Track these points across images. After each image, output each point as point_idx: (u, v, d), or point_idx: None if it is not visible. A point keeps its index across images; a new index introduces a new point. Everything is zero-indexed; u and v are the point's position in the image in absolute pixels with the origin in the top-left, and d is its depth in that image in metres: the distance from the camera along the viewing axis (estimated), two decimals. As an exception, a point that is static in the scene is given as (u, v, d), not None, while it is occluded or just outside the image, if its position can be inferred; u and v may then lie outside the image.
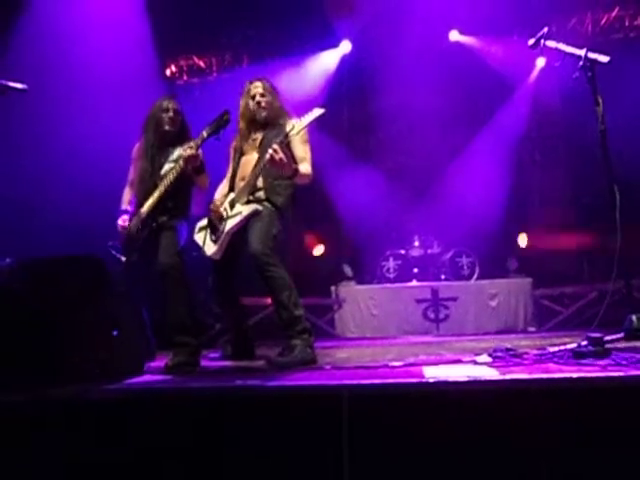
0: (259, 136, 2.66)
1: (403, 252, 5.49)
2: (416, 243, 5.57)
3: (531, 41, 2.53)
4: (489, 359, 1.99)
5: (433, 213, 5.56)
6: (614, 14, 5.70)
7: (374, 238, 5.75)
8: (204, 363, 2.56)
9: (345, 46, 6.12)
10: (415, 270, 5.40)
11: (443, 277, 5.30)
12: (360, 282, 5.55)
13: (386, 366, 2.00)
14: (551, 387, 1.50)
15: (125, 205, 2.79)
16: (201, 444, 1.57)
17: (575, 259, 5.55)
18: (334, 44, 6.12)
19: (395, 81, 5.71)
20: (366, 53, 6.05)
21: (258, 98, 2.65)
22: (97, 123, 4.70)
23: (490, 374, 1.62)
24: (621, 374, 1.50)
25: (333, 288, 5.24)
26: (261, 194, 2.55)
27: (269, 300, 3.65)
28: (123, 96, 4.56)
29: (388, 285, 5.25)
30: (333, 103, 5.43)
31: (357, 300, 5.11)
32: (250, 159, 2.62)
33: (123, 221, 2.67)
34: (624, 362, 1.66)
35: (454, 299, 4.92)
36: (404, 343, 3.93)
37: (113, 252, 2.63)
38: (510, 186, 5.65)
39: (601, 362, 1.72)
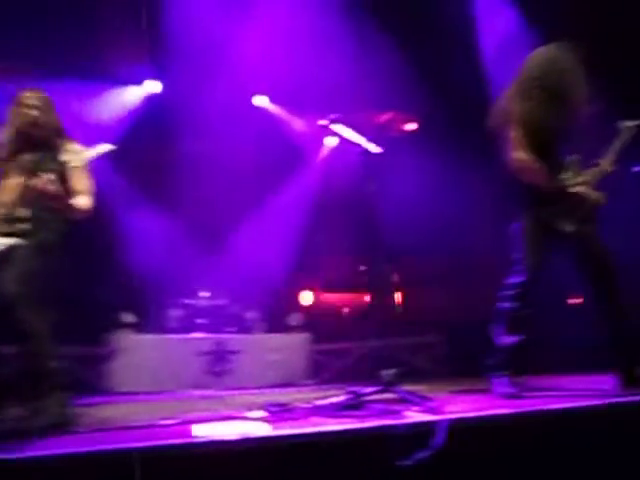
0: (28, 157, 2.30)
1: (189, 302, 5.34)
2: (204, 294, 5.49)
3: (323, 122, 2.86)
4: (263, 414, 2.02)
5: (224, 266, 5.61)
6: (390, 116, 6.92)
7: (160, 285, 5.49)
8: None
9: (154, 86, 6.00)
10: (200, 321, 5.28)
11: (228, 330, 5.30)
12: (141, 331, 5.16)
13: (153, 425, 1.86)
14: (316, 440, 1.59)
15: None
16: None
17: (351, 318, 6.19)
18: (141, 81, 5.95)
19: (201, 131, 5.78)
20: (176, 97, 6.00)
21: (33, 112, 2.29)
22: None
23: (260, 430, 1.64)
24: (372, 424, 1.68)
25: (108, 336, 4.75)
26: (24, 226, 2.21)
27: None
28: None
29: (170, 335, 5.00)
30: (132, 141, 5.18)
31: (135, 350, 4.71)
32: (12, 183, 2.25)
33: None
34: (375, 413, 1.87)
35: (237, 352, 4.94)
36: (182, 398, 3.76)
37: None
38: (300, 248, 6.11)
39: (358, 413, 1.92)
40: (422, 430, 1.64)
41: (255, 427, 1.71)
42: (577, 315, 5.30)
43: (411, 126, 6.89)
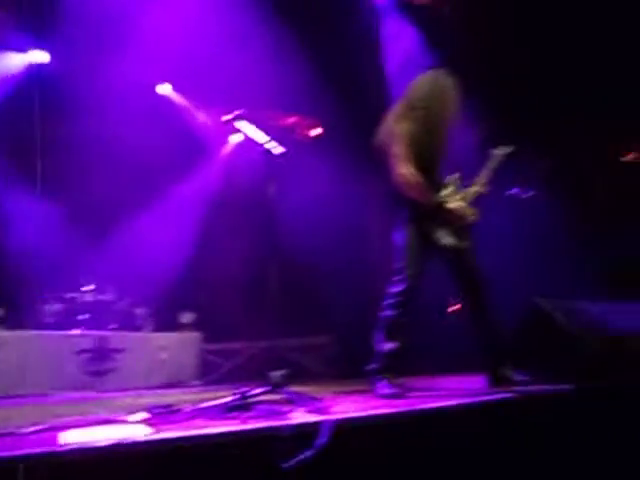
0: None
1: (70, 296, 4.93)
2: (87, 288, 5.10)
3: (227, 117, 2.81)
4: (144, 416, 1.92)
5: (113, 258, 5.26)
6: (293, 120, 6.99)
7: (37, 277, 5.00)
8: None
9: (40, 56, 5.46)
10: (82, 317, 4.89)
11: (113, 327, 4.98)
12: (12, 327, 4.66)
13: (13, 433, 1.68)
14: (199, 443, 1.55)
15: None
16: None
17: (242, 317, 6.12)
18: (25, 49, 5.39)
19: (96, 114, 5.36)
20: (68, 73, 5.49)
21: None
22: None
23: (139, 434, 1.56)
24: (257, 426, 1.67)
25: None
26: None
27: None
28: None
29: (45, 332, 4.58)
30: (11, 113, 4.67)
31: (4, 349, 4.25)
32: None
33: None
34: (261, 414, 1.87)
35: (122, 351, 4.66)
36: (53, 402, 3.45)
37: None
38: (196, 244, 5.92)
39: (244, 415, 1.90)
40: (307, 431, 1.66)
41: (133, 431, 1.61)
42: (454, 321, 5.77)
43: (316, 132, 7.01)
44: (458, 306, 5.89)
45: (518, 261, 5.22)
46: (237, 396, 2.02)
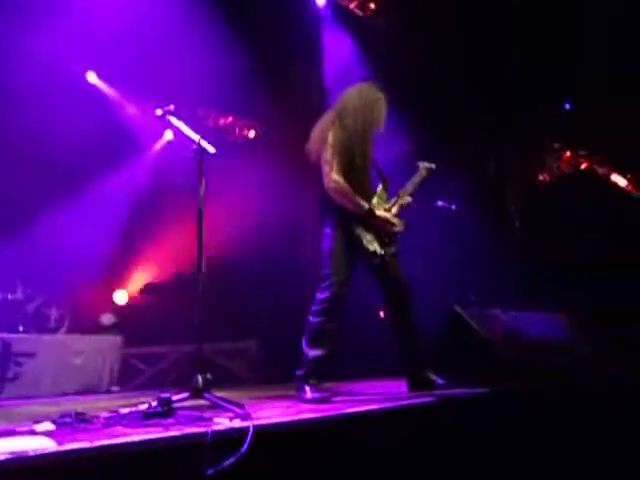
0: None
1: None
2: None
3: (158, 112, 2.71)
4: (52, 427, 1.79)
5: (24, 254, 4.86)
6: (229, 120, 6.89)
7: None
8: None
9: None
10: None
11: (21, 328, 4.60)
12: None
13: None
14: (115, 453, 1.46)
15: None
16: None
17: (166, 319, 5.89)
18: None
19: (11, 98, 4.94)
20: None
21: None
22: None
23: (42, 445, 1.43)
24: (178, 433, 1.61)
25: None
26: None
27: None
28: None
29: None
30: None
31: None
32: None
33: None
34: (184, 420, 1.80)
35: (31, 355, 4.32)
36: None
37: None
38: (119, 243, 5.63)
39: (165, 422, 1.82)
40: (231, 437, 1.63)
41: (34, 442, 1.48)
42: (376, 326, 5.91)
43: (250, 133, 6.96)
44: (383, 312, 6.06)
45: (440, 270, 5.46)
46: (159, 402, 1.94)
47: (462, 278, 5.57)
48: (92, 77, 5.81)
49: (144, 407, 1.98)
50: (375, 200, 2.90)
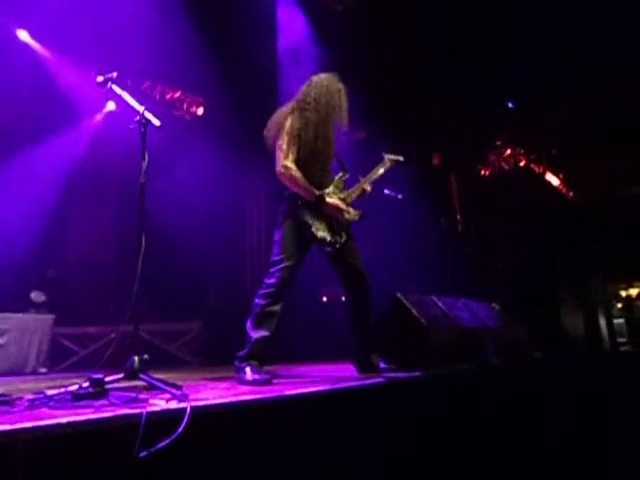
0: None
1: None
2: None
3: (99, 78, 2.55)
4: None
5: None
6: (177, 95, 6.64)
7: None
8: None
9: None
10: None
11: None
12: None
13: None
14: (40, 434, 1.39)
15: None
16: None
17: (103, 298, 5.67)
18: None
19: None
20: None
21: None
22: None
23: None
24: (110, 414, 1.55)
25: None
26: None
27: None
28: None
29: None
30: None
31: None
32: None
33: None
34: (116, 402, 1.73)
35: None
36: None
37: None
38: (51, 218, 5.31)
39: (97, 403, 1.74)
40: (165, 418, 1.59)
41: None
42: (324, 311, 5.98)
43: (199, 110, 6.75)
44: (330, 296, 6.13)
45: (384, 257, 5.57)
46: (89, 383, 1.85)
47: (403, 265, 5.72)
48: (23, 35, 5.38)
49: (74, 388, 1.89)
50: (331, 189, 2.93)
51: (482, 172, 8.70)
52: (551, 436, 3.09)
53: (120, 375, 2.10)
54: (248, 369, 2.60)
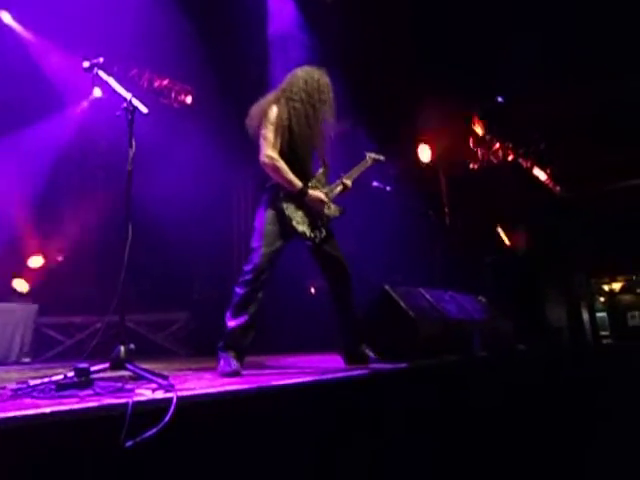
0: None
1: None
2: None
3: (86, 64, 2.50)
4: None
5: None
6: (165, 83, 6.56)
7: None
8: None
9: None
10: None
11: None
12: None
13: None
14: (23, 424, 1.37)
15: None
16: None
17: (88, 288, 5.61)
18: None
19: None
20: None
21: None
22: None
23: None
24: (96, 404, 1.53)
25: None
26: None
27: None
28: None
29: None
30: None
31: None
32: None
33: None
34: (102, 391, 1.72)
35: None
36: None
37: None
38: (35, 204, 5.23)
39: (82, 393, 1.73)
40: (151, 408, 1.58)
41: None
42: (311, 302, 5.99)
43: (187, 99, 6.68)
44: (314, 288, 6.13)
45: (372, 249, 5.59)
46: (74, 373, 1.83)
47: (391, 257, 5.74)
48: (6, 17, 5.26)
49: (58, 378, 1.87)
50: (313, 182, 2.92)
51: (471, 166, 8.74)
52: (534, 426, 3.15)
53: (106, 365, 2.08)
54: (222, 360, 2.59)
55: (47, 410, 1.43)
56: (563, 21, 5.66)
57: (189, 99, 6.70)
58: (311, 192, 2.83)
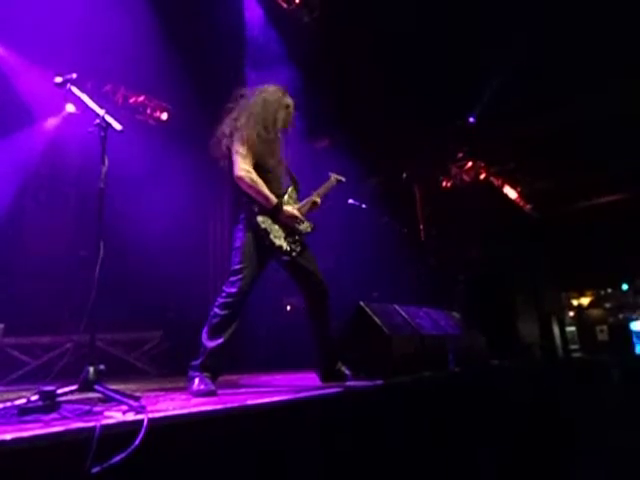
0: None
1: None
2: None
3: (58, 79, 2.47)
4: None
5: None
6: (141, 99, 6.52)
7: None
8: None
9: None
10: None
11: None
12: None
13: None
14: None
15: None
16: None
17: (56, 307, 5.44)
18: None
19: None
20: None
21: None
22: None
23: None
24: (61, 429, 1.48)
25: None
26: None
27: None
28: None
29: None
30: None
31: None
32: None
33: None
34: (69, 415, 1.66)
35: None
36: None
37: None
38: (1, 219, 5.08)
39: (46, 417, 1.66)
40: (120, 431, 1.53)
41: None
42: (286, 321, 5.95)
43: (163, 115, 6.65)
44: (290, 306, 6.10)
45: (348, 266, 5.61)
46: (39, 396, 1.76)
47: (367, 274, 5.76)
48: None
49: (21, 402, 1.80)
50: (285, 198, 2.93)
51: (444, 183, 8.91)
52: (507, 438, 3.17)
53: (74, 387, 2.01)
54: (197, 379, 2.55)
55: (7, 437, 1.37)
56: (532, 43, 5.88)
57: (165, 116, 6.67)
58: (285, 208, 2.84)
